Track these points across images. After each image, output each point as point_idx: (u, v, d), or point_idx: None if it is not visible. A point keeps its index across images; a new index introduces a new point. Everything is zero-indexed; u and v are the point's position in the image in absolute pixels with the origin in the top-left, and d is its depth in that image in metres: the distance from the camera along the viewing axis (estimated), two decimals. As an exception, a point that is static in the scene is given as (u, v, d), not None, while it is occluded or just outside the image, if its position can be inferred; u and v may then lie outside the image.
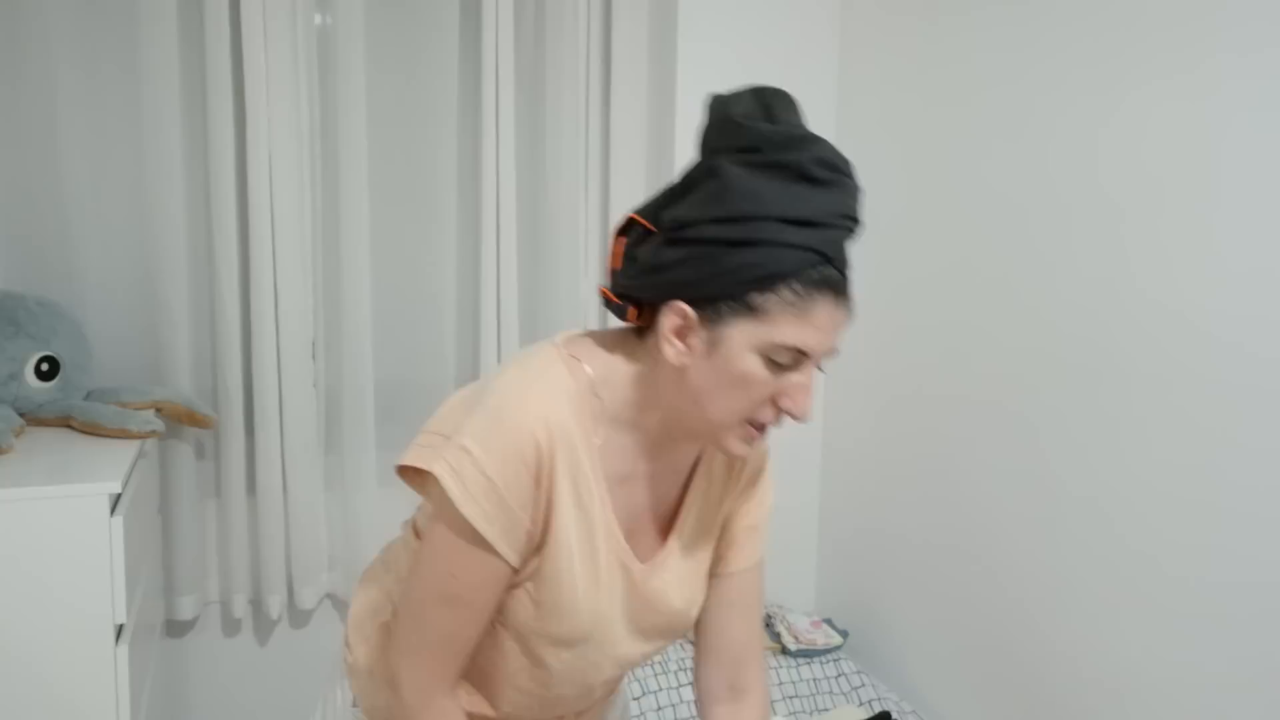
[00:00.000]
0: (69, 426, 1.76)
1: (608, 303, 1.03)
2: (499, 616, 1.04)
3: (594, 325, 2.46)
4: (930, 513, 2.08)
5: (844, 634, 2.25)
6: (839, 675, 2.15)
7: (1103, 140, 1.65)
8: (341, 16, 2.10)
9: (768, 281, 0.89)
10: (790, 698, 2.09)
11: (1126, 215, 1.61)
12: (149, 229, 2.00)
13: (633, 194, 2.46)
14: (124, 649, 1.44)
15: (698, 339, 0.93)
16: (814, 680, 2.13)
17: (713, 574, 1.15)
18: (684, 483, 1.10)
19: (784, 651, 2.18)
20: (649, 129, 2.42)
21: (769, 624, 2.25)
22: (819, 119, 2.39)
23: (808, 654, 2.17)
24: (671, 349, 0.95)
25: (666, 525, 1.10)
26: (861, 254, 2.31)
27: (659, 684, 2.04)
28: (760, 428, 0.96)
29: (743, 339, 0.91)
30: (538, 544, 0.99)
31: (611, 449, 1.01)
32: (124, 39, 1.97)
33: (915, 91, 2.11)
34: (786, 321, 0.90)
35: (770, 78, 2.32)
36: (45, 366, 1.76)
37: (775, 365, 0.92)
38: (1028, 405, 1.81)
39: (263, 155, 2.01)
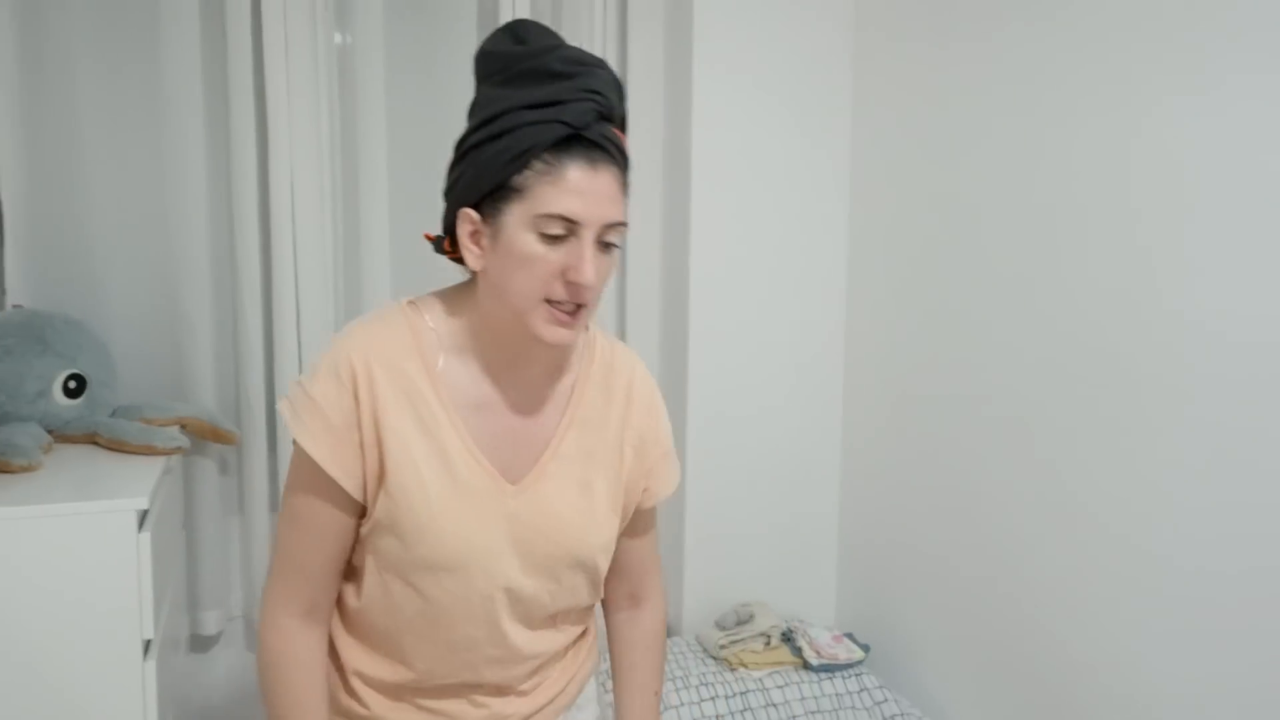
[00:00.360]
0: (95, 443, 1.78)
1: (434, 246, 1.13)
2: (380, 563, 1.08)
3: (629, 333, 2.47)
4: (953, 524, 2.07)
5: (866, 648, 2.24)
6: (861, 690, 2.13)
7: (1122, 150, 1.64)
8: (360, 32, 2.12)
9: (521, 159, 0.98)
10: (812, 713, 2.08)
11: (1148, 223, 1.60)
12: (171, 246, 2.03)
13: (649, 200, 2.47)
14: (151, 664, 1.45)
15: (486, 237, 1.02)
16: (836, 695, 2.12)
17: (640, 507, 1.21)
18: (560, 415, 1.14)
19: (805, 666, 2.17)
20: (665, 139, 2.43)
21: (791, 639, 2.24)
22: (834, 125, 2.39)
23: (829, 669, 2.16)
24: (470, 254, 1.04)
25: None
26: (882, 260, 2.31)
27: (680, 699, 2.04)
28: (569, 311, 1.02)
29: (516, 221, 0.99)
30: (379, 473, 1.04)
31: (455, 377, 1.07)
32: (147, 57, 1.99)
33: (929, 103, 2.11)
34: (543, 192, 0.98)
35: (785, 85, 2.33)
36: (72, 384, 1.78)
37: (550, 239, 0.99)
38: (1053, 414, 1.80)
39: (284, 170, 2.03)
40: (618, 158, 1.02)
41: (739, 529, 2.42)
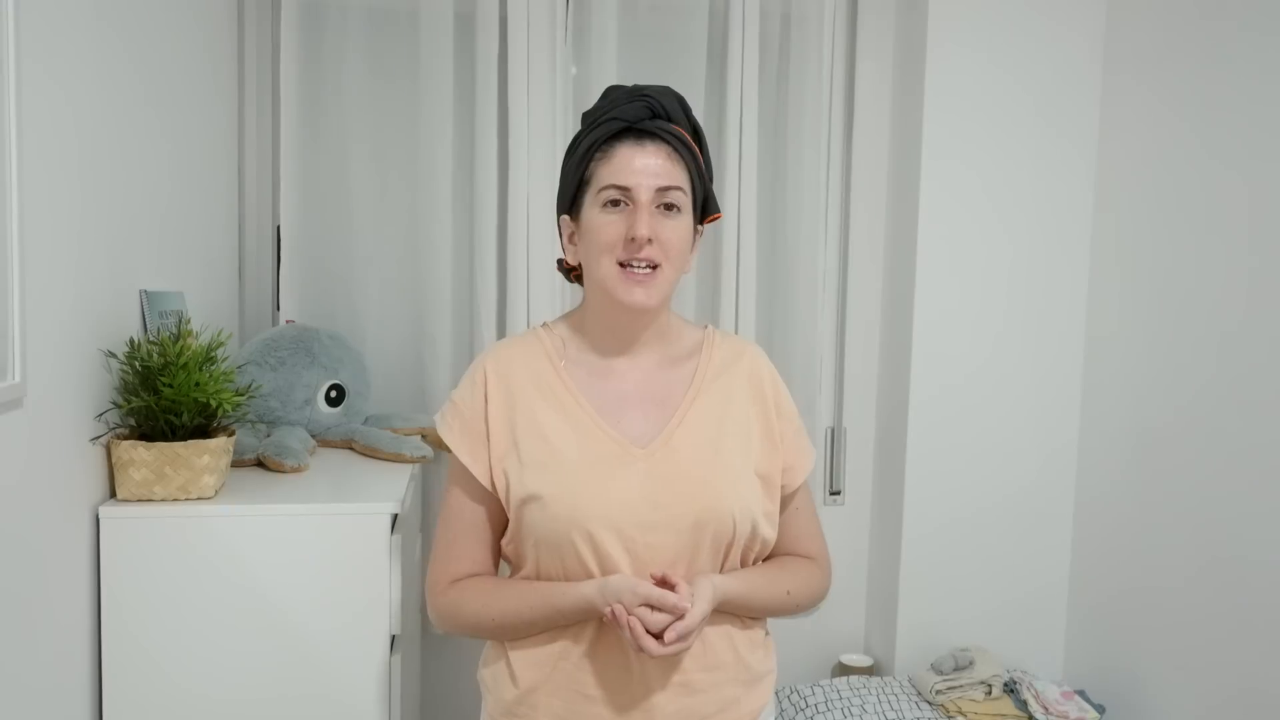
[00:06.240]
0: (350, 448, 1.94)
1: (559, 268, 1.32)
2: (531, 535, 1.16)
3: (828, 362, 2.44)
4: (1206, 576, 1.88)
5: (1100, 709, 2.07)
6: (1094, 753, 1.98)
7: None
8: (595, 64, 2.22)
9: (586, 155, 1.19)
10: (1039, 772, 1.95)
11: None
12: (420, 272, 2.20)
13: (872, 232, 2.42)
14: (397, 659, 1.55)
15: (577, 233, 1.22)
16: (1065, 756, 1.97)
17: (786, 488, 1.27)
18: (684, 393, 1.24)
19: (1031, 721, 2.04)
20: (890, 167, 2.38)
21: (1014, 690, 2.11)
22: (1077, 157, 2.25)
23: (1058, 726, 2.02)
24: (570, 253, 1.25)
25: None
26: (1126, 289, 2.15)
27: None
28: (641, 271, 1.15)
29: (589, 205, 1.19)
30: (515, 453, 1.18)
31: (579, 368, 1.25)
32: (406, 98, 2.19)
33: (1183, 110, 1.95)
34: (600, 172, 1.17)
35: (1024, 118, 2.23)
36: (333, 393, 1.95)
37: (611, 207, 1.16)
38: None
39: (521, 196, 2.17)
40: (672, 141, 1.17)
41: (959, 569, 2.32)
